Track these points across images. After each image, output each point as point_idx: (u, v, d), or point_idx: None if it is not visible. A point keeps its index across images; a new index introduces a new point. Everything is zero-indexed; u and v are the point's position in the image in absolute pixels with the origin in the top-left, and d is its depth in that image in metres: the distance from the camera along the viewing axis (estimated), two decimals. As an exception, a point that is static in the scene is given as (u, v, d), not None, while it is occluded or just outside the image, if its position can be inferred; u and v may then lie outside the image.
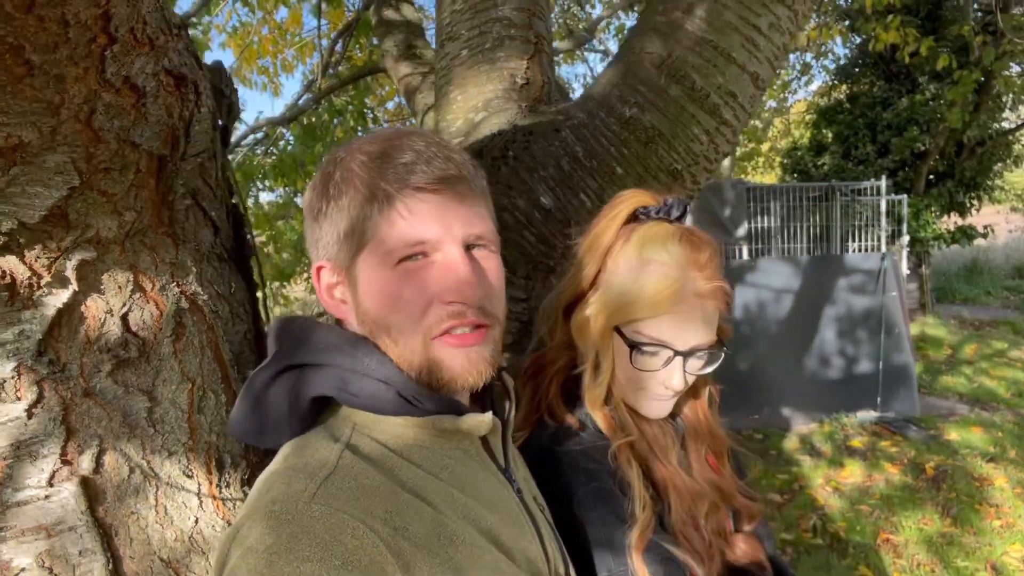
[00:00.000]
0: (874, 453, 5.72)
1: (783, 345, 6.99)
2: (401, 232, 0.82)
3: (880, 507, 4.65)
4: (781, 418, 6.78)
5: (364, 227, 0.82)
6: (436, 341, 0.84)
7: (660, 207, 1.12)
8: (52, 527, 0.93)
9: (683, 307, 1.05)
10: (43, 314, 0.90)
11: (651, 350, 1.07)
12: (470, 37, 1.86)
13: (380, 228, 0.82)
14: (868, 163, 10.95)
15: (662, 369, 1.08)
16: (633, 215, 1.13)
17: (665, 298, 1.04)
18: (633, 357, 1.08)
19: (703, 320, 1.07)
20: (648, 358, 1.08)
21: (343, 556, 0.65)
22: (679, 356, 1.07)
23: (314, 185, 0.88)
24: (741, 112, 1.64)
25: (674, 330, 1.06)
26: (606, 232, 1.13)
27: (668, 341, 1.06)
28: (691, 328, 1.06)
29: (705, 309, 1.07)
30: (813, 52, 12.58)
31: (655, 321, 1.06)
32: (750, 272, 7.02)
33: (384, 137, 0.86)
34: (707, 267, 1.06)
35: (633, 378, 1.11)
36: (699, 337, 1.07)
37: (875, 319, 7.02)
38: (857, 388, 6.93)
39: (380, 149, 0.84)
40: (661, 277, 1.05)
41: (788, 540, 4.37)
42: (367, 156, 0.84)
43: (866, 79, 11.71)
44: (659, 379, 1.10)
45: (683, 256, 1.06)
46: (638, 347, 1.07)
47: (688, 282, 1.05)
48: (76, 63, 0.79)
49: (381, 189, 0.82)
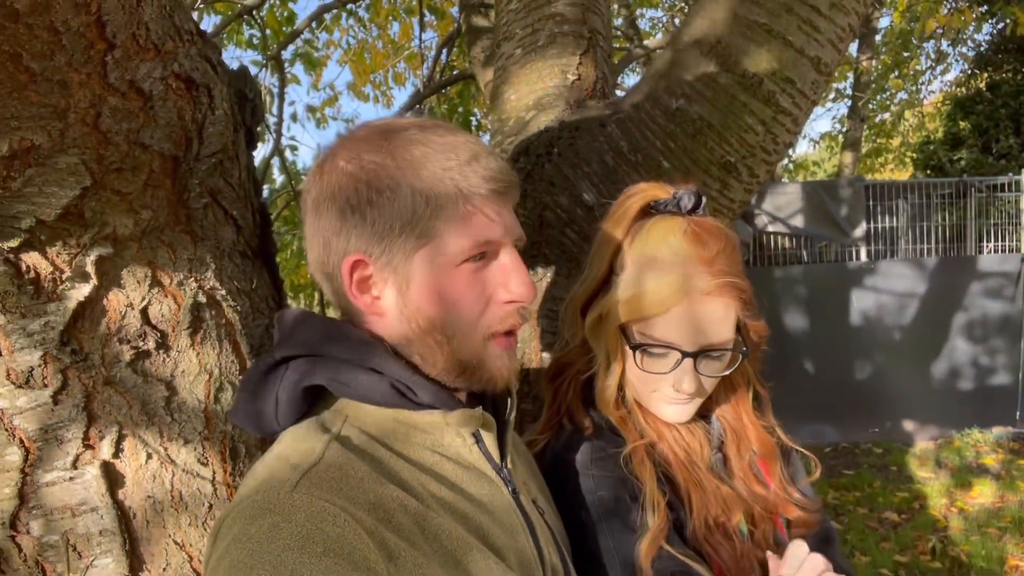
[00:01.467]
0: (1008, 472, 5.23)
1: (907, 354, 6.53)
2: (473, 231, 0.82)
3: (1011, 531, 4.23)
4: (903, 432, 6.33)
5: (429, 225, 0.81)
6: (491, 341, 0.86)
7: (669, 200, 1.07)
8: (76, 507, 0.99)
9: (687, 305, 1.00)
10: (66, 306, 0.96)
11: (657, 352, 1.03)
12: (523, 36, 1.85)
13: (451, 226, 0.81)
14: (1011, 157, 10.07)
15: (672, 372, 1.03)
16: (644, 210, 1.09)
17: (666, 296, 0.99)
18: (639, 359, 1.04)
19: (712, 319, 1.01)
20: (655, 360, 1.04)
21: (325, 544, 0.65)
22: (688, 358, 1.01)
23: (350, 173, 0.83)
24: (802, 99, 1.54)
25: (679, 330, 1.00)
26: (616, 229, 1.09)
27: (674, 342, 1.01)
28: (699, 328, 1.00)
29: (713, 307, 1.01)
30: (949, 39, 11.68)
31: (659, 321, 1.01)
32: (869, 275, 6.60)
33: (429, 128, 0.85)
34: (715, 262, 1.00)
35: (644, 380, 1.06)
36: (709, 337, 1.01)
37: (1014, 326, 6.43)
38: (992, 401, 6.36)
39: (439, 142, 0.83)
40: (662, 275, 1.00)
41: (903, 562, 4.06)
42: (426, 148, 0.82)
43: (1008, 66, 10.77)
44: (669, 382, 1.04)
45: (687, 251, 1.01)
46: (642, 348, 1.03)
47: (691, 279, 1.00)
48: (76, 69, 0.84)
49: (452, 186, 0.81)
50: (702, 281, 1.00)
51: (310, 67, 5.71)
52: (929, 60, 12.45)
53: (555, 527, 0.98)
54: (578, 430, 1.11)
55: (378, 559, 0.67)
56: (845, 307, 6.58)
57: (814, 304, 6.61)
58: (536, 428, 1.20)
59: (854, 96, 11.08)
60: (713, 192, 1.56)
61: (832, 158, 19.14)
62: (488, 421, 0.88)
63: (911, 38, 10.42)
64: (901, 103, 13.62)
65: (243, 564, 0.63)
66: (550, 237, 1.55)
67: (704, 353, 1.02)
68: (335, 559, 0.64)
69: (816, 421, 6.29)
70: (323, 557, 0.64)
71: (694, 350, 1.01)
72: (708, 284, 0.99)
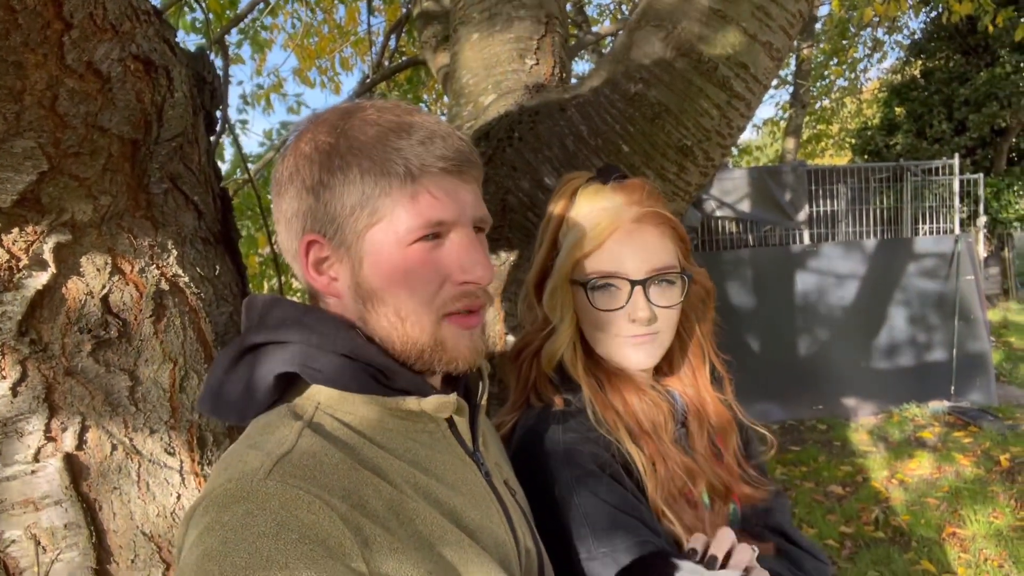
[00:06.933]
0: (945, 444, 5.47)
1: (848, 333, 6.75)
2: (422, 210, 0.81)
3: (948, 500, 4.44)
4: (846, 408, 6.56)
5: (380, 204, 0.81)
6: (446, 320, 0.85)
7: (595, 175, 1.16)
8: (39, 501, 0.97)
9: (622, 235, 1.08)
10: (23, 295, 0.93)
11: (605, 283, 1.09)
12: (481, 20, 1.84)
13: (399, 206, 0.81)
14: (944, 142, 10.46)
15: (626, 305, 1.08)
16: (575, 192, 1.16)
17: (601, 230, 1.07)
18: (592, 297, 1.09)
19: (648, 245, 1.09)
20: (606, 295, 1.10)
21: (299, 531, 0.65)
22: (637, 285, 1.08)
23: (306, 154, 0.84)
24: (755, 84, 1.57)
25: (621, 258, 1.08)
26: (553, 212, 1.17)
27: (618, 271, 1.08)
28: (638, 254, 1.08)
29: (647, 235, 1.09)
30: (885, 27, 12.03)
31: (599, 255, 1.08)
32: (812, 258, 6.79)
33: (388, 109, 0.84)
34: (640, 200, 1.10)
35: (604, 324, 1.11)
36: (651, 262, 1.08)
37: (949, 305, 6.71)
38: (929, 377, 6.63)
39: (394, 122, 0.82)
40: (593, 217, 1.09)
41: (848, 533, 4.22)
42: (380, 128, 0.82)
43: (942, 54, 11.17)
44: (627, 315, 1.09)
45: (612, 197, 1.11)
46: (591, 284, 1.09)
47: (619, 212, 1.09)
48: (33, 49, 0.81)
49: (402, 165, 0.80)
50: (629, 212, 1.09)
51: (257, 48, 5.57)
52: (866, 48, 12.82)
53: (525, 508, 0.99)
54: (547, 405, 1.13)
55: (353, 545, 0.67)
56: (789, 289, 6.77)
57: (760, 286, 6.78)
58: (504, 410, 1.21)
59: (796, 83, 11.35)
60: (670, 175, 1.60)
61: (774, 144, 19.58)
62: (461, 406, 0.88)
63: (849, 26, 10.69)
64: (840, 90, 14.01)
65: (217, 552, 0.63)
66: (513, 221, 1.56)
67: (651, 280, 1.08)
68: (310, 545, 0.64)
69: (763, 400, 6.46)
70: (298, 544, 0.64)
71: (640, 277, 1.08)
72: (636, 213, 1.09)
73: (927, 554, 3.82)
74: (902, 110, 11.43)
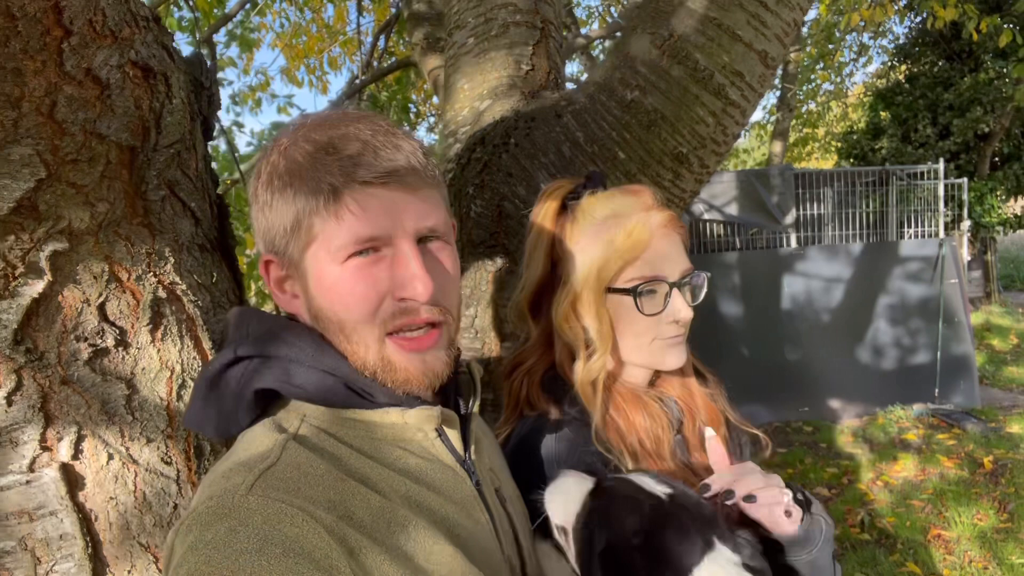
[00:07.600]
0: (929, 447, 5.52)
1: (833, 336, 6.80)
2: (350, 228, 0.79)
3: (932, 502, 4.48)
4: (831, 410, 6.60)
5: (311, 222, 0.80)
6: (390, 340, 0.83)
7: (583, 184, 1.17)
8: (34, 512, 0.95)
9: (657, 240, 1.10)
10: (19, 304, 0.92)
11: (650, 287, 1.10)
12: (476, 25, 1.84)
13: (328, 224, 0.80)
14: (928, 146, 10.55)
15: (668, 307, 1.11)
16: (562, 205, 1.16)
17: (638, 239, 1.09)
18: (639, 303, 1.10)
19: (675, 249, 1.13)
20: (650, 300, 1.11)
21: (283, 545, 0.65)
22: (675, 287, 1.11)
23: (258, 174, 0.84)
24: (750, 92, 1.58)
25: (659, 263, 1.11)
26: (544, 228, 1.16)
27: (660, 274, 1.10)
28: (671, 257, 1.12)
29: (672, 238, 1.13)
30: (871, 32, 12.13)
31: (638, 264, 1.10)
32: (799, 261, 6.83)
33: (330, 124, 0.83)
34: (654, 204, 1.13)
35: (642, 331, 1.12)
36: (681, 264, 1.13)
37: (933, 308, 6.77)
38: (913, 380, 6.69)
39: (326, 139, 0.81)
40: (623, 224, 1.10)
41: (834, 535, 4.25)
42: (312, 146, 0.81)
43: (926, 59, 11.28)
44: (668, 317, 1.12)
45: (630, 203, 1.12)
46: (638, 291, 1.10)
47: (648, 218, 1.10)
48: (32, 56, 0.80)
49: (327, 183, 0.79)
50: (655, 218, 1.11)
51: (245, 48, 5.54)
52: (852, 53, 12.92)
53: (516, 516, 0.99)
54: (540, 414, 1.14)
55: (339, 556, 0.67)
56: (776, 292, 6.81)
57: (747, 289, 6.81)
58: (498, 424, 1.22)
59: (783, 86, 11.42)
60: (666, 182, 1.60)
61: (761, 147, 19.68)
62: (449, 416, 0.87)
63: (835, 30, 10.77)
64: (827, 94, 14.11)
65: (201, 571, 0.62)
66: (509, 228, 1.56)
67: (684, 280, 1.12)
68: (295, 559, 0.64)
69: (750, 402, 6.48)
70: (283, 558, 0.63)
71: (675, 279, 1.11)
72: (662, 217, 1.11)
73: (912, 556, 3.86)
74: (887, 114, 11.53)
